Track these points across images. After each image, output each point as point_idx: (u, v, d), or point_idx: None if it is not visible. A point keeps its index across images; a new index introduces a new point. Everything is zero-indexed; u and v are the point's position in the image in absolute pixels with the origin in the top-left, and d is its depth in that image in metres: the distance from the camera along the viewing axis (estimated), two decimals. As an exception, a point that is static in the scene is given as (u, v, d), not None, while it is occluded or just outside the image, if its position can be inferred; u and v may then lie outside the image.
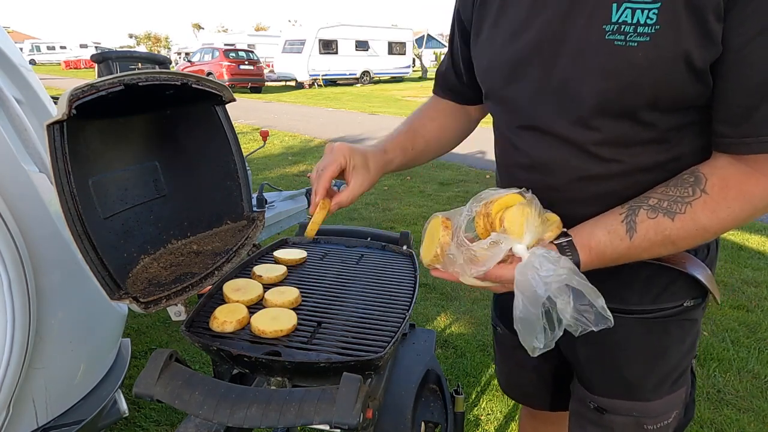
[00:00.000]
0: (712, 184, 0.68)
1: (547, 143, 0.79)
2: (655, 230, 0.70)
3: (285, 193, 2.81)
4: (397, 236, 1.26)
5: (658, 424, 0.90)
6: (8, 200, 1.14)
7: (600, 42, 0.68)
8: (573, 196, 0.80)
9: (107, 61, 5.06)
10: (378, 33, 21.64)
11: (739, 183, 0.67)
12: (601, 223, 0.73)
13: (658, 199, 0.71)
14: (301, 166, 6.29)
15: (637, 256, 0.73)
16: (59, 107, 0.72)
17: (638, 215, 0.71)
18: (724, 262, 3.50)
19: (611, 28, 0.67)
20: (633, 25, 0.65)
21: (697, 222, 0.68)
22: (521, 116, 0.82)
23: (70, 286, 1.33)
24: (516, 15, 0.78)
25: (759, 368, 2.34)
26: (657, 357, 0.87)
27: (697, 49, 0.64)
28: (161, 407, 2.01)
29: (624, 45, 0.66)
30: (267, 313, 0.88)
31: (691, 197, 0.69)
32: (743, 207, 0.67)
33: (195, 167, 1.10)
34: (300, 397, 0.70)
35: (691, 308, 0.86)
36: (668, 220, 0.69)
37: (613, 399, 0.91)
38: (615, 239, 0.71)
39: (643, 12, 0.64)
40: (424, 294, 3.04)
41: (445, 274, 0.77)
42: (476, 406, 2.11)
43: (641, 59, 0.65)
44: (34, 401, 1.27)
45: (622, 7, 0.66)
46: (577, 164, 0.77)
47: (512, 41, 0.79)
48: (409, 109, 12.18)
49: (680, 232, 0.69)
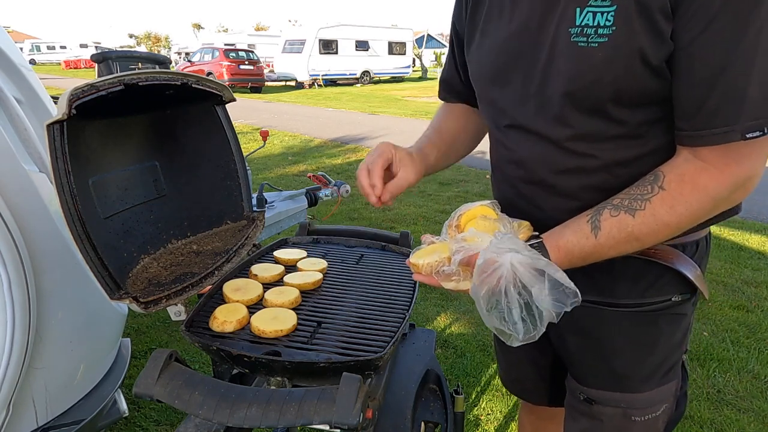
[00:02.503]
0: (669, 180, 0.72)
1: (529, 141, 0.84)
2: (618, 228, 0.73)
3: (285, 193, 2.80)
4: (397, 236, 1.26)
5: (646, 416, 0.91)
6: (8, 200, 1.14)
7: (566, 44, 0.73)
8: (555, 189, 0.84)
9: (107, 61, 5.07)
10: (378, 33, 21.64)
11: (694, 178, 0.70)
12: (570, 225, 0.78)
13: (620, 199, 0.75)
14: (301, 166, 6.29)
15: (604, 254, 0.76)
16: (59, 107, 0.72)
17: (602, 214, 0.75)
18: (723, 262, 3.50)
19: (575, 31, 0.72)
20: (594, 27, 0.71)
21: (657, 217, 0.72)
22: (506, 116, 0.87)
23: (70, 286, 1.33)
24: (500, 24, 0.85)
25: (759, 368, 2.34)
26: (645, 350, 0.89)
27: (650, 47, 0.68)
28: (161, 407, 2.01)
29: (586, 45, 0.71)
30: (267, 313, 0.88)
31: (650, 194, 0.72)
32: (700, 201, 0.70)
33: (195, 167, 1.10)
34: (300, 397, 0.70)
35: (679, 303, 0.87)
36: (629, 217, 0.73)
37: (602, 390, 0.93)
38: (581, 238, 0.75)
39: (603, 15, 0.70)
40: (424, 294, 3.04)
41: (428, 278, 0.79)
42: (476, 406, 2.11)
43: (601, 58, 0.71)
44: (34, 401, 1.27)
45: (584, 11, 0.72)
46: (555, 159, 0.82)
47: (496, 48, 0.85)
48: (409, 109, 12.19)
49: (642, 228, 0.72)
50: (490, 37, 0.87)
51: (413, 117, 10.93)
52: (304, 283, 1.00)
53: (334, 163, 6.65)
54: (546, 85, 0.78)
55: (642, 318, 0.87)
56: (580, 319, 0.87)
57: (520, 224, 0.80)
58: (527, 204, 0.88)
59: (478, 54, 0.90)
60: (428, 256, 0.79)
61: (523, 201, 0.89)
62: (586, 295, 0.80)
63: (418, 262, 0.79)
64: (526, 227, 0.80)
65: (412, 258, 0.81)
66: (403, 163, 0.92)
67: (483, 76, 0.90)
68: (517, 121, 0.85)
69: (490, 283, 0.68)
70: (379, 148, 0.92)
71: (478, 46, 0.90)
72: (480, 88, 0.93)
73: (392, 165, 0.92)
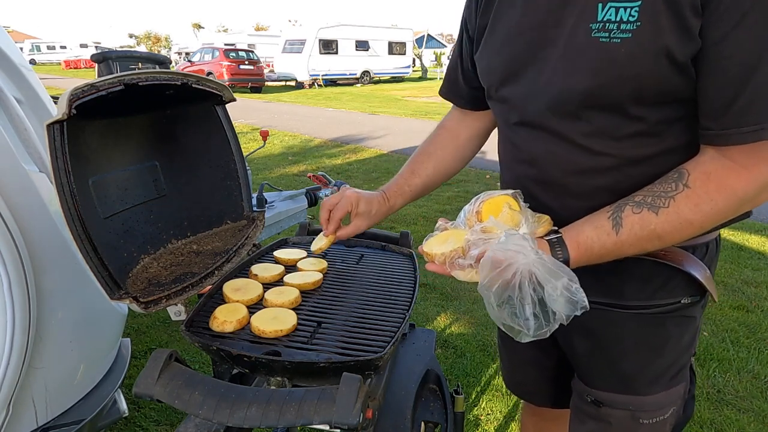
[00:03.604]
0: (695, 178, 0.70)
1: (540, 138, 0.83)
2: (640, 225, 0.72)
3: (285, 193, 2.80)
4: (397, 236, 1.26)
5: (654, 419, 0.91)
6: (8, 200, 1.14)
7: (587, 40, 0.72)
8: (566, 189, 0.83)
9: (107, 61, 5.07)
10: (378, 33, 21.63)
11: (721, 177, 0.69)
12: (589, 221, 0.76)
13: (643, 196, 0.73)
14: (301, 166, 6.29)
15: (624, 252, 0.75)
16: (59, 107, 0.72)
17: (624, 211, 0.73)
18: (724, 262, 3.50)
19: (597, 26, 0.70)
20: (616, 22, 0.69)
21: (681, 215, 0.70)
22: (516, 113, 0.86)
23: (70, 286, 1.33)
24: (510, 20, 0.83)
25: (759, 368, 2.34)
26: (654, 352, 0.88)
27: (676, 44, 0.66)
28: (161, 407, 2.01)
29: (608, 41, 0.70)
30: (267, 313, 0.88)
31: (674, 191, 0.71)
32: (727, 200, 0.69)
33: (195, 167, 1.10)
34: (300, 397, 0.70)
35: (688, 305, 0.86)
36: (653, 214, 0.71)
37: (610, 392, 0.92)
38: (602, 234, 0.73)
39: (626, 10, 0.68)
40: (424, 294, 3.04)
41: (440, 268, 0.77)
42: (476, 406, 2.11)
43: (624, 54, 0.69)
44: (34, 401, 1.27)
45: (607, 6, 0.70)
46: (568, 158, 0.80)
47: (507, 44, 0.84)
48: (409, 109, 12.18)
49: (665, 226, 0.71)
50: (502, 30, 0.85)
51: (413, 117, 10.92)
52: (304, 283, 1.00)
53: (334, 163, 6.65)
54: (562, 81, 0.76)
55: (650, 320, 0.86)
56: (587, 321, 0.85)
57: (541, 218, 0.78)
58: (537, 204, 0.86)
59: (489, 49, 0.88)
60: (442, 245, 0.77)
61: (533, 201, 0.87)
62: (595, 297, 0.79)
63: (432, 251, 0.77)
64: (546, 221, 0.78)
65: (425, 246, 0.80)
66: (359, 217, 1.04)
67: (494, 71, 0.88)
68: (529, 117, 0.83)
69: (505, 277, 0.67)
70: (343, 200, 1.02)
71: (489, 40, 0.88)
72: (490, 83, 0.91)
73: (350, 214, 1.03)
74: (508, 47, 0.84)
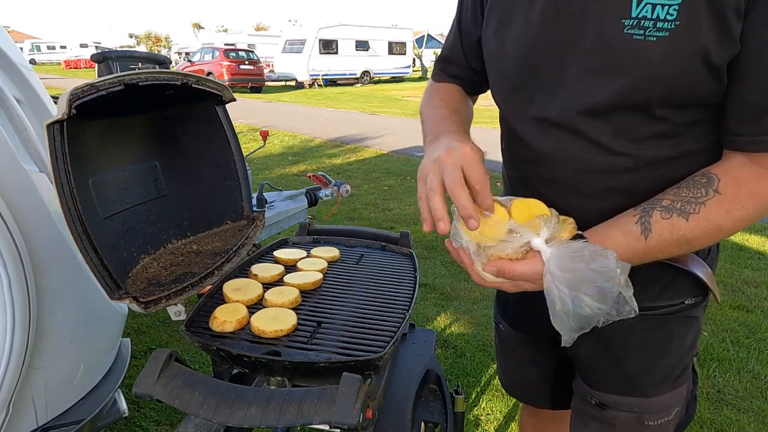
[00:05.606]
0: (725, 183, 0.69)
1: (557, 135, 0.79)
2: (670, 230, 0.70)
3: (285, 193, 2.81)
4: (397, 236, 1.26)
5: (659, 420, 0.90)
6: (8, 200, 1.14)
7: (617, 35, 0.68)
8: (579, 189, 0.80)
9: (107, 61, 5.07)
10: (378, 33, 21.65)
11: (752, 183, 0.68)
12: (616, 225, 0.74)
13: (671, 201, 0.71)
14: (301, 166, 6.29)
15: (652, 257, 0.73)
16: (59, 107, 0.71)
17: (652, 216, 0.71)
18: (724, 263, 3.50)
19: (631, 23, 0.67)
20: (653, 20, 0.65)
21: (712, 221, 0.69)
22: (532, 107, 0.81)
23: (70, 286, 1.33)
24: (533, 5, 0.77)
25: (759, 368, 2.34)
26: (658, 353, 0.88)
27: (715, 47, 0.64)
28: (161, 407, 2.01)
29: (643, 39, 0.66)
30: (267, 313, 0.88)
31: (705, 197, 0.69)
32: (757, 206, 0.68)
33: (195, 167, 1.10)
34: (300, 397, 0.70)
35: (692, 306, 0.86)
36: (683, 220, 0.70)
37: (614, 395, 0.91)
38: (631, 240, 0.71)
39: (663, 8, 0.65)
40: (424, 294, 3.04)
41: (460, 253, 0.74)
42: (476, 406, 2.11)
43: (659, 54, 0.66)
44: (34, 401, 1.27)
45: (643, 2, 0.66)
46: (585, 157, 0.77)
47: (528, 32, 0.78)
48: (409, 109, 12.17)
49: (695, 232, 0.70)
50: (519, 17, 0.79)
51: (413, 117, 10.92)
52: (304, 283, 1.00)
53: (334, 163, 6.65)
54: (589, 78, 0.72)
55: (654, 321, 0.86)
56: None
57: (565, 220, 0.74)
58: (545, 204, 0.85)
59: (502, 34, 0.82)
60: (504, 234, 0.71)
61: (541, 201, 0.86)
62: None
63: (488, 244, 0.70)
64: (570, 224, 0.74)
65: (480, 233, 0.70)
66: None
67: (504, 61, 0.83)
68: (544, 113, 0.79)
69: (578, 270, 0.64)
70: (456, 154, 0.72)
71: (501, 25, 0.82)
72: (499, 74, 0.86)
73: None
74: (528, 35, 0.77)
